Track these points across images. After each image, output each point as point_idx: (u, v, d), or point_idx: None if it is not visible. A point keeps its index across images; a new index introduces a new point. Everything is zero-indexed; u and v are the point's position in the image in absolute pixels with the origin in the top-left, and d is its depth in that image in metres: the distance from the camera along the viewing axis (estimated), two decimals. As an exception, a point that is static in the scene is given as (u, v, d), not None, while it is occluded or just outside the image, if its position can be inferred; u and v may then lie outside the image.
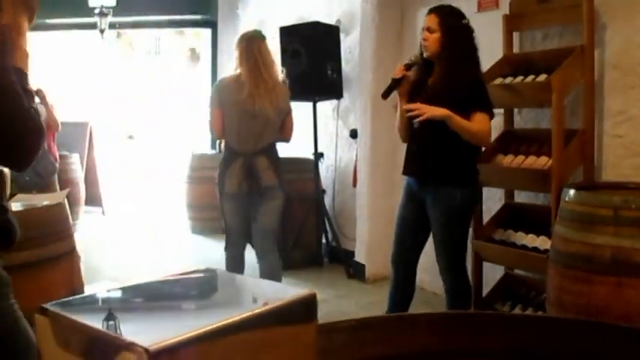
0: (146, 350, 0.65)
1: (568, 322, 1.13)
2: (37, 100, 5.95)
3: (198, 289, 0.98)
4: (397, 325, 1.12)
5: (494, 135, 3.99)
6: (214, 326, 0.73)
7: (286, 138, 4.22)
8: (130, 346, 0.66)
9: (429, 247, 4.95)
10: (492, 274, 4.11)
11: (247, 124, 3.90)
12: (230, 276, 1.01)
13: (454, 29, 3.37)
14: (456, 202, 3.33)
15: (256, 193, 3.96)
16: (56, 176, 5.94)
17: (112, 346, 0.67)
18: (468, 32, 3.39)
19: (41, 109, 6.07)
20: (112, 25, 7.91)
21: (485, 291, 3.99)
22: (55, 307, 0.77)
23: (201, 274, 1.04)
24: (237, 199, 3.99)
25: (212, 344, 0.71)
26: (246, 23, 7.84)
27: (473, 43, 3.39)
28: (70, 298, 0.83)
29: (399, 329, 1.11)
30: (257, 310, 0.80)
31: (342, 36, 5.75)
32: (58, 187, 5.76)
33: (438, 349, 1.09)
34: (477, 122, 3.23)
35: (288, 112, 4.18)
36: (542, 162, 3.55)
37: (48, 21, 8.56)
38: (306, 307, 0.85)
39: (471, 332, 1.11)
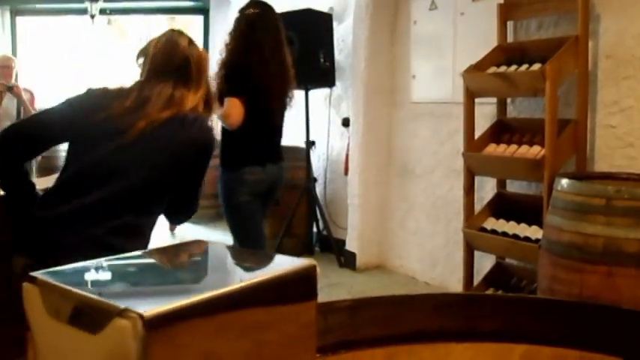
0: (140, 316, 0.63)
1: (565, 304, 1.12)
2: (10, 95, 5.96)
3: (192, 259, 0.96)
4: (394, 305, 1.11)
5: (487, 124, 4.00)
6: (212, 294, 0.71)
7: None
8: (123, 313, 0.63)
9: (422, 237, 4.97)
10: (483, 263, 4.12)
11: None
12: (224, 247, 0.99)
13: (234, 22, 3.56)
14: (221, 185, 3.54)
15: None
16: (34, 165, 5.88)
17: (103, 313, 0.65)
18: (242, 22, 3.48)
19: (17, 104, 6.04)
20: (102, 11, 7.84)
21: (476, 280, 3.99)
22: (44, 275, 0.75)
23: (195, 246, 1.01)
24: None
25: (209, 313, 0.69)
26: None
27: (240, 33, 3.45)
28: (60, 267, 0.80)
29: (396, 310, 1.10)
30: (257, 279, 0.78)
31: (334, 24, 5.71)
32: (35, 176, 5.70)
33: (436, 331, 1.08)
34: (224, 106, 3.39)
35: None
36: (535, 152, 3.54)
37: (38, 6, 8.49)
38: (306, 280, 0.83)
39: (468, 314, 1.10)
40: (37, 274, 0.75)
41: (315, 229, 5.80)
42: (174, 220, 2.31)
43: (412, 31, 5.05)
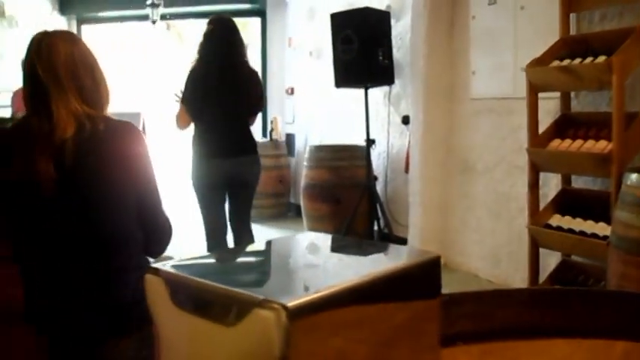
0: (284, 307, 0.60)
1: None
2: None
3: (310, 250, 0.90)
4: (490, 300, 1.10)
5: (549, 119, 3.94)
6: (353, 283, 0.67)
7: None
8: (265, 303, 0.61)
9: (484, 234, 4.91)
10: (548, 260, 4.05)
11: None
12: (338, 239, 0.95)
13: None
14: None
15: None
16: None
17: (241, 304, 0.62)
18: (201, 38, 4.08)
19: None
20: (162, 17, 8.01)
21: (542, 277, 3.93)
22: (168, 267, 0.74)
23: (308, 237, 0.98)
24: None
25: (346, 304, 0.66)
26: (296, 11, 7.86)
27: (199, 48, 4.05)
28: (177, 260, 0.78)
29: (491, 305, 1.09)
30: (391, 267, 0.75)
31: (392, 21, 5.71)
32: None
33: (531, 326, 1.05)
34: None
35: None
36: (602, 146, 3.47)
37: (101, 14, 8.73)
38: (432, 272, 0.81)
39: (565, 309, 1.07)
40: (160, 265, 0.73)
41: (376, 227, 5.80)
42: (154, 249, 2.02)
43: (471, 26, 5.00)
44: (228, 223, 4.30)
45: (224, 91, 3.99)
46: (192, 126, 4.15)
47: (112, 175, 1.87)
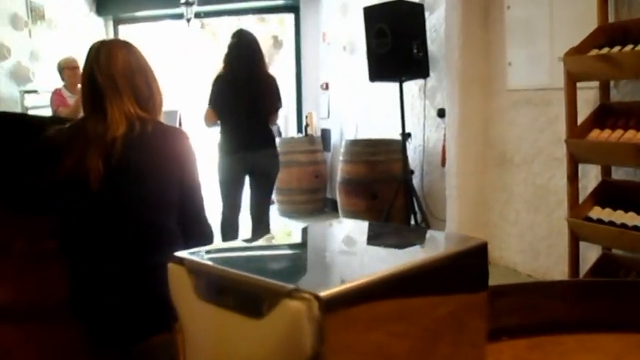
0: (316, 297, 0.55)
1: None
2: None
3: (346, 238, 0.84)
4: (534, 293, 1.06)
5: (587, 110, 3.86)
6: (392, 271, 0.61)
7: None
8: (294, 293, 0.56)
9: (522, 228, 4.85)
10: (588, 254, 3.98)
11: None
12: (377, 225, 0.89)
13: None
14: None
15: None
16: None
17: (269, 295, 0.57)
18: (227, 49, 4.70)
19: None
20: (196, 15, 8.07)
21: (582, 271, 3.86)
22: (191, 255, 0.69)
23: (341, 224, 0.92)
24: None
25: (388, 294, 0.61)
26: (329, 6, 7.85)
27: (224, 57, 4.70)
28: (202, 248, 0.73)
29: (535, 297, 1.05)
30: (433, 255, 0.68)
31: (426, 14, 5.66)
32: None
33: (581, 320, 1.00)
34: None
35: None
36: (643, 136, 3.39)
37: (137, 14, 8.83)
38: (477, 264, 0.72)
39: (616, 302, 1.03)
40: (183, 254, 0.70)
41: (413, 222, 5.77)
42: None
43: (506, 16, 4.93)
44: (249, 213, 4.81)
45: (247, 94, 4.55)
46: (217, 125, 4.67)
47: (155, 172, 1.94)
